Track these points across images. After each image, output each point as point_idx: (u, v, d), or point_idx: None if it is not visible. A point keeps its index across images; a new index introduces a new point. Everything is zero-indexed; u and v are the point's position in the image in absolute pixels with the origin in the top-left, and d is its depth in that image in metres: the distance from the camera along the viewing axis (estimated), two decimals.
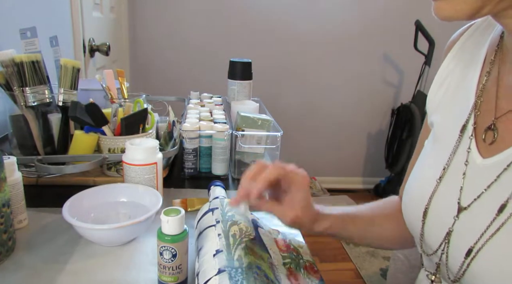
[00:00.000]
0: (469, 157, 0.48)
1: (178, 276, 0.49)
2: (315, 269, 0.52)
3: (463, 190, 0.47)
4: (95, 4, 1.60)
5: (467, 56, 0.55)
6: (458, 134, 0.50)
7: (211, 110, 1.05)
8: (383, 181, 2.67)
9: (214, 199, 0.59)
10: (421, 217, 0.52)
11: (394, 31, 2.50)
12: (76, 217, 0.58)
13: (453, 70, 0.55)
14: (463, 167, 0.48)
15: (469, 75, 0.53)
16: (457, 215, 0.47)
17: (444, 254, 0.49)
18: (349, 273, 1.94)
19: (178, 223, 0.48)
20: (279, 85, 2.55)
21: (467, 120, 0.50)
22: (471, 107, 0.50)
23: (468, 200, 0.46)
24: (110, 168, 0.82)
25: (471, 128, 0.49)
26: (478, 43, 0.54)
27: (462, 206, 0.47)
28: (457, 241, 0.47)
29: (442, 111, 0.55)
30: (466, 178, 0.47)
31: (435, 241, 0.50)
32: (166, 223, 0.47)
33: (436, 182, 0.51)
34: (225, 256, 0.44)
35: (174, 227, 0.48)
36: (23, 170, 0.76)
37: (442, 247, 0.49)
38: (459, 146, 0.50)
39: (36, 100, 0.77)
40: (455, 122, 0.51)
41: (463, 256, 0.45)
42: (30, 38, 0.80)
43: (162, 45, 2.39)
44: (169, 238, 0.47)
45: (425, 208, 0.51)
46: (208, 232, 0.51)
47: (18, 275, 0.52)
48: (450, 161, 0.50)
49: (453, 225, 0.47)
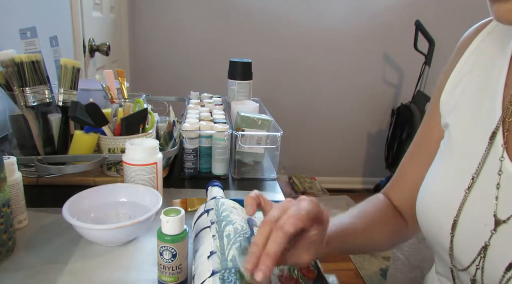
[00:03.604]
0: (503, 167, 0.45)
1: (178, 276, 0.49)
2: (310, 269, 0.52)
3: (498, 201, 0.45)
4: (95, 4, 1.60)
5: (486, 57, 0.52)
6: (487, 141, 0.47)
7: (211, 110, 1.05)
8: (383, 181, 2.66)
9: (210, 200, 0.59)
10: (449, 229, 0.48)
11: (394, 31, 2.50)
12: (76, 217, 0.58)
13: (471, 71, 0.53)
14: (496, 176, 0.45)
15: (492, 77, 0.50)
16: (494, 228, 0.44)
17: (480, 269, 0.46)
18: (349, 273, 1.94)
19: (178, 223, 0.48)
20: (279, 85, 2.55)
21: (497, 126, 0.47)
22: (500, 113, 0.47)
23: (507, 213, 0.44)
24: (110, 168, 0.82)
25: (501, 136, 0.46)
26: (500, 43, 0.51)
27: (500, 219, 0.44)
28: (495, 256, 0.44)
29: (461, 113, 0.53)
30: (500, 188, 0.45)
31: (467, 255, 0.47)
32: (166, 223, 0.47)
33: (465, 192, 0.47)
34: (219, 257, 0.44)
35: (174, 227, 0.48)
36: (23, 170, 0.76)
37: (476, 262, 0.46)
38: (489, 154, 0.47)
39: (36, 100, 0.77)
40: (481, 128, 0.49)
41: (502, 271, 0.43)
42: (30, 38, 0.80)
43: (162, 45, 2.39)
44: (169, 238, 0.47)
45: (454, 220, 0.48)
46: (203, 234, 0.51)
47: (18, 275, 0.52)
48: (479, 170, 0.47)
49: (490, 239, 0.45)
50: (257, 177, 0.93)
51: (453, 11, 2.46)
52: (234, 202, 0.57)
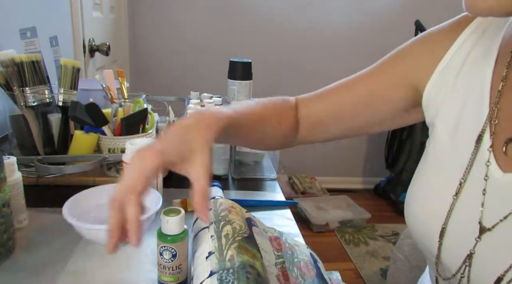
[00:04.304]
0: (489, 172, 0.43)
1: (178, 276, 0.49)
2: (309, 268, 0.51)
3: (484, 208, 0.43)
4: (95, 4, 1.60)
5: (472, 56, 0.49)
6: (473, 145, 0.45)
7: None
8: (383, 181, 2.67)
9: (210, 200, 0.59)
10: (437, 237, 0.47)
11: (394, 31, 2.50)
12: (76, 217, 0.58)
13: (457, 71, 0.50)
14: (482, 182, 0.44)
15: (477, 78, 0.48)
16: (479, 236, 0.43)
17: (465, 277, 0.45)
18: (349, 273, 1.94)
19: (178, 223, 0.48)
20: (279, 85, 2.55)
21: (482, 129, 0.45)
22: (486, 115, 0.45)
23: (492, 220, 0.42)
24: (110, 168, 0.82)
25: (488, 139, 0.44)
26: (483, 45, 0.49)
27: (485, 227, 0.43)
28: (480, 265, 0.43)
29: (447, 116, 0.50)
30: (486, 194, 0.43)
31: (453, 263, 0.46)
32: (166, 223, 0.47)
33: (453, 198, 0.46)
34: (217, 257, 0.44)
35: (174, 227, 0.48)
36: (23, 170, 0.76)
37: (461, 270, 0.45)
38: (475, 158, 0.45)
39: (36, 100, 0.77)
40: (467, 130, 0.47)
41: (491, 282, 0.41)
42: (30, 38, 0.80)
43: (162, 45, 2.39)
44: (169, 238, 0.47)
45: (442, 227, 0.47)
46: (201, 234, 0.51)
47: (18, 275, 0.52)
48: (466, 175, 0.45)
49: (475, 247, 0.43)
50: (257, 177, 0.93)
51: (453, 11, 2.43)
52: (233, 202, 0.57)
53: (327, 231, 2.27)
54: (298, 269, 0.50)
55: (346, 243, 2.16)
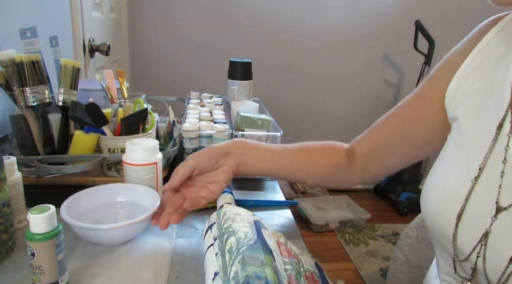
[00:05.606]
0: (507, 155, 0.45)
1: (40, 277, 0.47)
2: (315, 279, 0.51)
3: (501, 189, 0.45)
4: (95, 4, 1.60)
5: (495, 53, 0.52)
6: (494, 132, 0.47)
7: (211, 110, 1.05)
8: (383, 181, 2.66)
9: (213, 214, 0.58)
10: (454, 220, 0.48)
11: (394, 31, 2.50)
12: (75, 218, 0.58)
13: (479, 67, 0.53)
14: (501, 165, 0.45)
15: (500, 69, 0.50)
16: (495, 215, 0.44)
17: (481, 257, 0.46)
18: (349, 273, 1.94)
19: (38, 222, 0.46)
20: (279, 85, 2.55)
21: (503, 117, 0.47)
22: (507, 103, 0.47)
23: (508, 200, 0.44)
24: (110, 168, 0.82)
25: (508, 125, 0.46)
26: (509, 39, 0.51)
27: (502, 206, 0.44)
28: (496, 244, 0.44)
29: (469, 106, 0.52)
30: (504, 176, 0.45)
31: (469, 244, 0.47)
32: (29, 220, 0.46)
33: (472, 182, 0.48)
34: (221, 277, 0.44)
35: (33, 226, 0.46)
36: (23, 170, 0.76)
37: (477, 250, 0.46)
38: (496, 144, 0.47)
39: (36, 100, 0.77)
40: (489, 119, 0.49)
41: (506, 260, 0.42)
42: (30, 38, 0.80)
43: (162, 45, 2.39)
44: (27, 235, 0.46)
45: (460, 210, 0.48)
46: (208, 254, 0.51)
47: (18, 275, 0.52)
48: (486, 160, 0.47)
49: (491, 226, 0.45)
50: (257, 177, 0.93)
51: (453, 11, 2.46)
52: (238, 208, 0.56)
53: (327, 231, 2.27)
54: (305, 279, 0.49)
55: (346, 243, 2.16)
